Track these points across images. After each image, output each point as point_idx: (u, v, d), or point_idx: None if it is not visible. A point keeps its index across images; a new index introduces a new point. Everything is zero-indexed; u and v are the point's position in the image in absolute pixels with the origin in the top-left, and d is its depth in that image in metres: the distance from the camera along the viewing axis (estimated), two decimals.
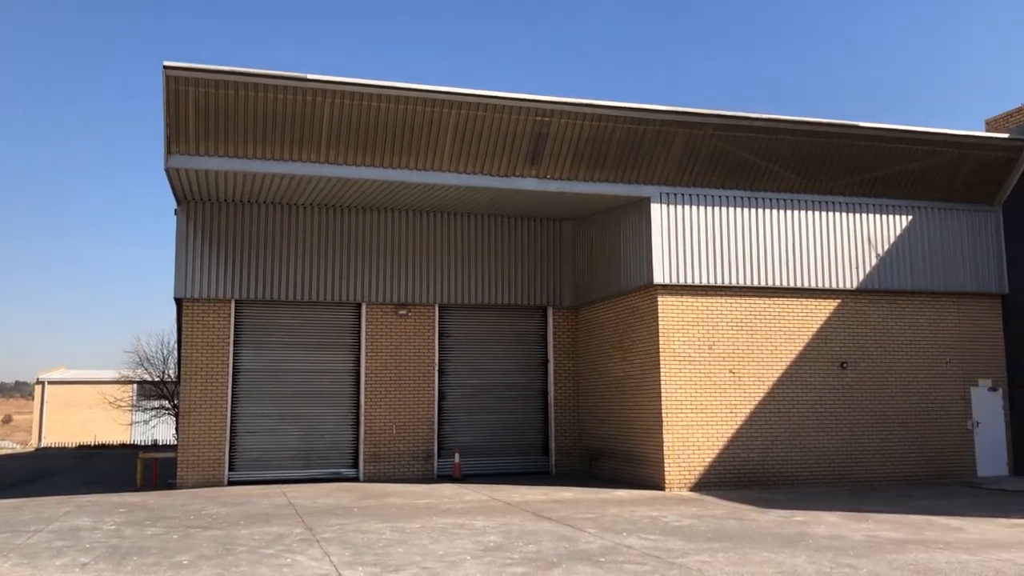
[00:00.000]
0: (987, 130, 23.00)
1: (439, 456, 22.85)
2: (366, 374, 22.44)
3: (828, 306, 21.26)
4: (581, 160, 19.92)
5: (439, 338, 23.25)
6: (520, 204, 22.52)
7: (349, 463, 22.28)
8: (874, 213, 21.81)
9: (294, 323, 22.41)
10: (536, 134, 19.43)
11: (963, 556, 11.34)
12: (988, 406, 22.15)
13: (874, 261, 21.61)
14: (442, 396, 23.18)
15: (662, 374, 19.94)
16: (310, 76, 17.79)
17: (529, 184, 20.04)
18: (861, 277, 21.47)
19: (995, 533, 13.41)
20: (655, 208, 20.37)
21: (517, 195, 21.06)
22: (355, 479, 22.06)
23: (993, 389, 22.26)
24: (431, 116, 18.80)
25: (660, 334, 20.07)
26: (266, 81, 17.70)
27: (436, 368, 23.08)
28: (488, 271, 23.71)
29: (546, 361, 24.32)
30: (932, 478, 21.39)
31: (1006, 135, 21.88)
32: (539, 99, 19.02)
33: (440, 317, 23.35)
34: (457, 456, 22.48)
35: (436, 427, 22.88)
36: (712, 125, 19.91)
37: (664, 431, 19.74)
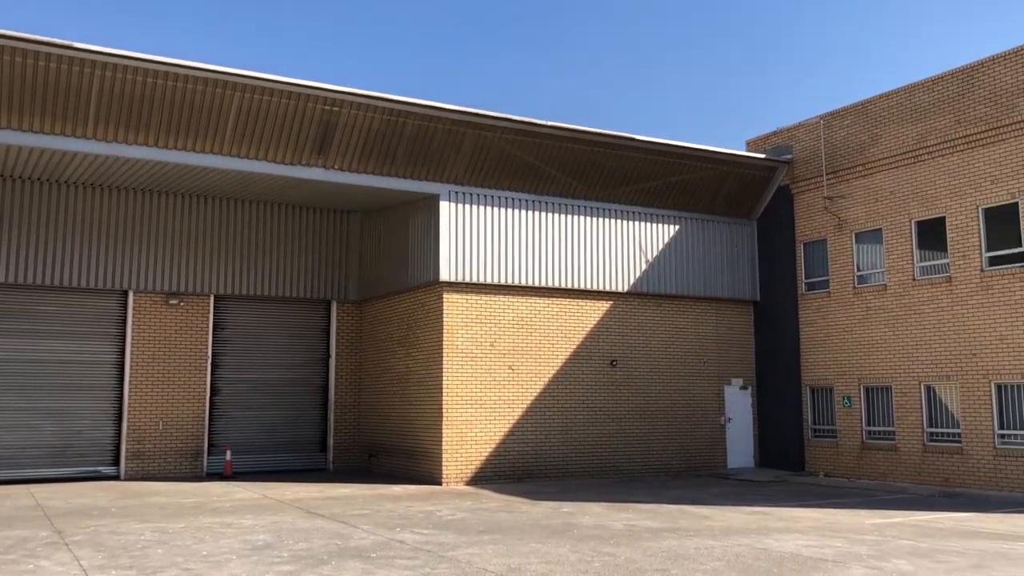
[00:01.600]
0: (747, 150, 25.06)
1: (210, 453, 21.88)
2: (131, 366, 21.08)
3: (601, 307, 22.36)
4: (370, 153, 19.75)
5: (214, 330, 22.26)
6: (306, 194, 22.00)
7: (109, 461, 20.84)
8: (646, 221, 23.17)
9: (51, 310, 20.66)
10: (324, 123, 19.05)
11: (709, 542, 12.29)
12: (739, 403, 24.16)
13: (644, 266, 22.96)
14: (215, 391, 22.20)
15: (445, 370, 20.17)
16: (77, 44, 16.45)
17: (315, 174, 19.62)
18: (632, 281, 22.75)
19: (738, 520, 14.65)
20: (444, 206, 20.56)
21: (303, 185, 20.57)
22: (115, 477, 20.69)
23: (744, 388, 24.30)
24: (212, 97, 17.95)
25: (444, 331, 20.29)
26: (27, 46, 16.16)
27: (209, 361, 22.08)
28: (270, 262, 22.99)
29: (328, 356, 23.91)
30: (689, 470, 23.04)
31: (763, 155, 23.93)
32: (328, 88, 18.65)
33: (216, 308, 22.37)
34: (229, 453, 21.62)
35: (207, 423, 21.89)
36: (501, 128, 20.37)
37: (444, 426, 19.98)
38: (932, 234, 20.41)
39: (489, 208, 21.10)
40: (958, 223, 19.73)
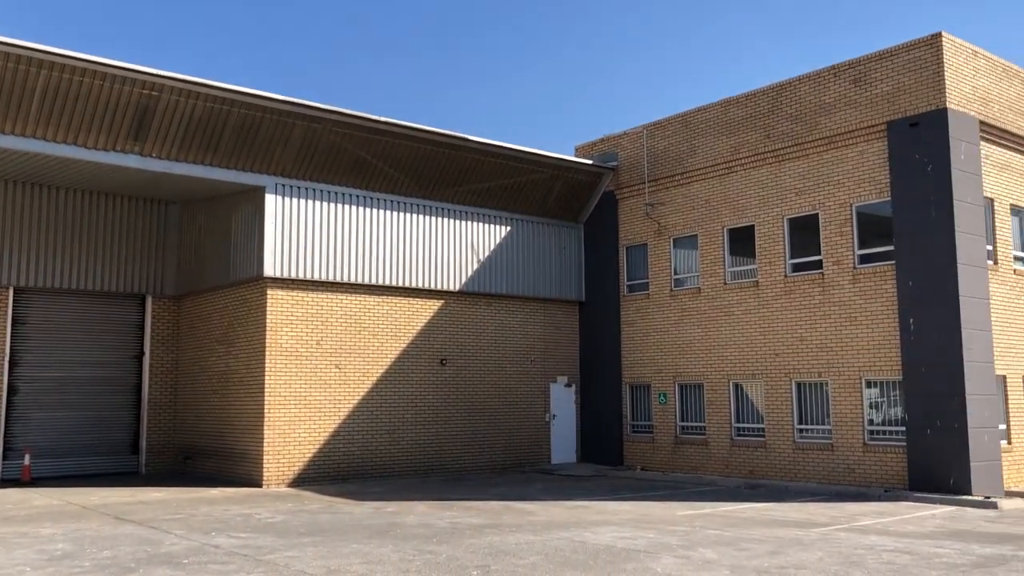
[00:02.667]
0: (576, 155, 25.78)
1: (5, 458, 20.25)
2: None
3: (432, 306, 22.37)
4: (192, 141, 18.86)
5: (12, 325, 20.63)
6: (122, 182, 20.76)
7: None
8: (478, 221, 23.38)
9: None
10: (142, 108, 18.02)
11: (530, 537, 12.55)
12: (564, 400, 24.82)
13: (475, 266, 23.17)
14: (13, 390, 20.57)
15: (267, 369, 19.57)
16: None
17: (131, 161, 18.52)
18: (463, 280, 22.89)
19: (559, 514, 15.03)
20: (270, 199, 19.93)
21: (118, 172, 19.39)
22: None
23: (568, 385, 24.99)
24: (15, 73, 16.59)
25: (268, 328, 19.68)
26: None
27: (7, 359, 20.43)
28: (80, 253, 21.54)
29: (142, 353, 22.66)
30: (515, 466, 23.44)
31: (590, 161, 24.69)
32: (146, 71, 17.65)
33: (15, 301, 20.73)
34: (28, 457, 20.08)
35: (2, 425, 20.23)
36: (331, 121, 19.97)
37: (265, 427, 19.38)
38: (742, 241, 21.71)
39: (318, 203, 20.65)
40: (766, 231, 21.09)
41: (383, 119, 20.48)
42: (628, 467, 23.30)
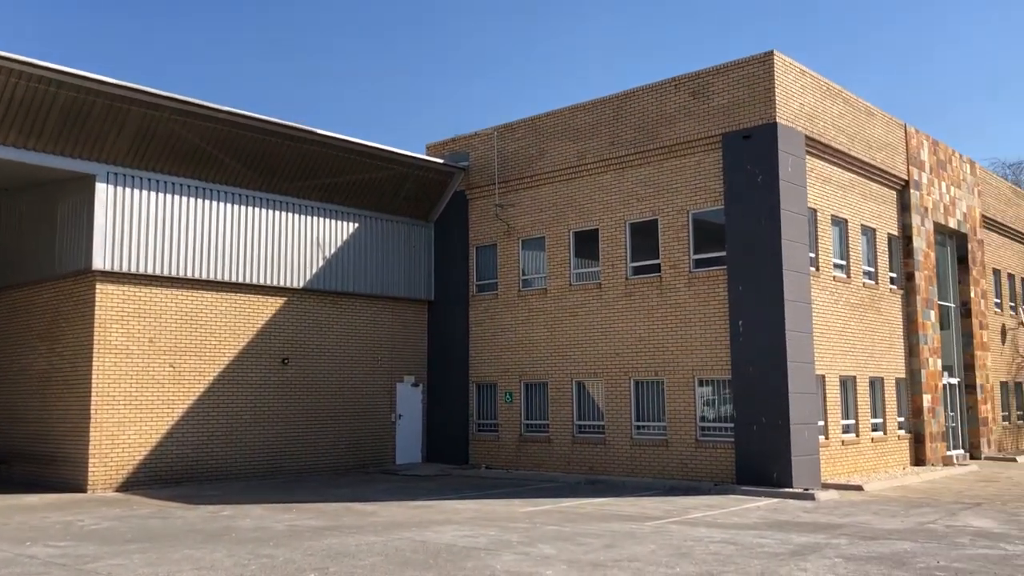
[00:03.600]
0: (428, 154, 25.71)
1: None
2: None
3: (275, 303, 21.76)
4: (12, 123, 17.52)
5: None
6: None
7: None
8: (325, 217, 22.93)
9: None
10: None
11: (372, 538, 12.41)
12: (410, 400, 24.70)
13: (321, 263, 22.71)
14: None
15: (95, 368, 18.48)
16: None
17: None
18: (308, 277, 22.39)
19: (402, 515, 14.94)
20: (100, 188, 18.83)
21: None
22: None
23: (415, 385, 24.89)
24: None
25: (96, 324, 18.59)
26: None
27: None
28: None
29: None
30: (358, 467, 23.13)
31: (441, 160, 24.69)
32: None
33: None
34: None
35: None
36: (169, 108, 19.06)
37: (92, 429, 18.30)
38: (587, 244, 22.28)
39: (155, 193, 19.67)
40: (609, 235, 21.72)
41: (226, 108, 19.74)
42: (473, 466, 23.44)
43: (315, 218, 22.69)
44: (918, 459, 23.17)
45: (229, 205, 20.95)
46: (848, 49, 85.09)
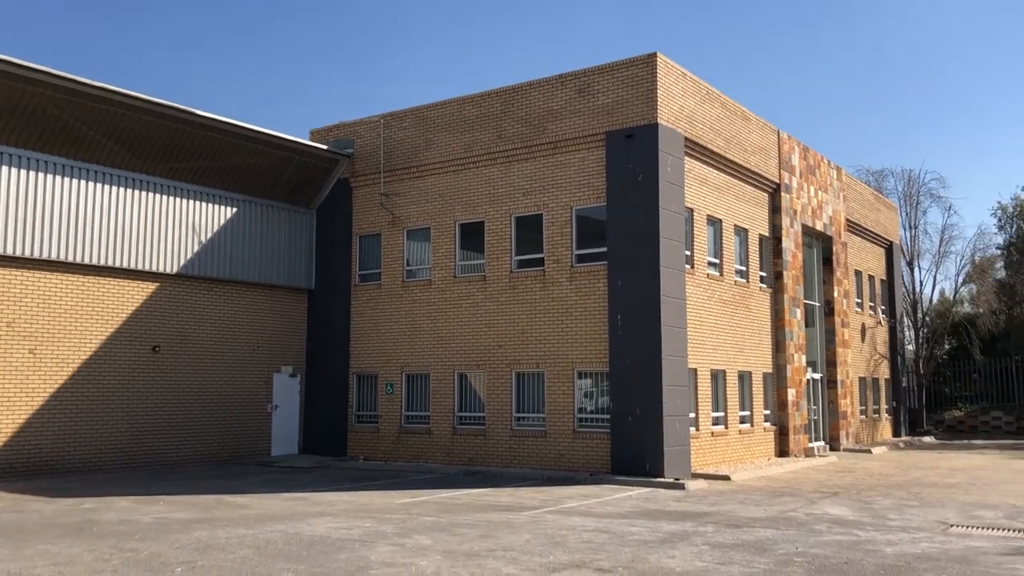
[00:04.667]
0: (311, 139, 25.20)
1: None
2: None
3: (146, 288, 20.93)
4: None
5: None
6: None
7: None
8: (202, 201, 22.18)
9: None
10: None
11: (242, 530, 12.11)
12: (287, 391, 24.21)
13: (197, 248, 21.96)
14: None
15: None
16: None
17: None
18: (182, 262, 21.62)
19: (275, 507, 14.64)
20: None
21: None
22: None
23: (293, 375, 24.41)
24: None
25: None
26: None
27: None
28: None
29: None
30: (232, 459, 22.52)
31: (325, 147, 24.25)
32: None
33: None
34: None
35: None
36: (35, 81, 18.02)
37: None
38: (473, 236, 22.34)
39: (16, 170, 18.59)
40: (494, 228, 21.83)
41: (96, 83, 18.83)
42: (352, 458, 23.18)
43: (191, 201, 21.92)
44: (782, 450, 24.27)
45: (99, 185, 20.01)
46: (728, 55, 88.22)
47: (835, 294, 28.90)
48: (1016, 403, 37.37)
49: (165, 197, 21.34)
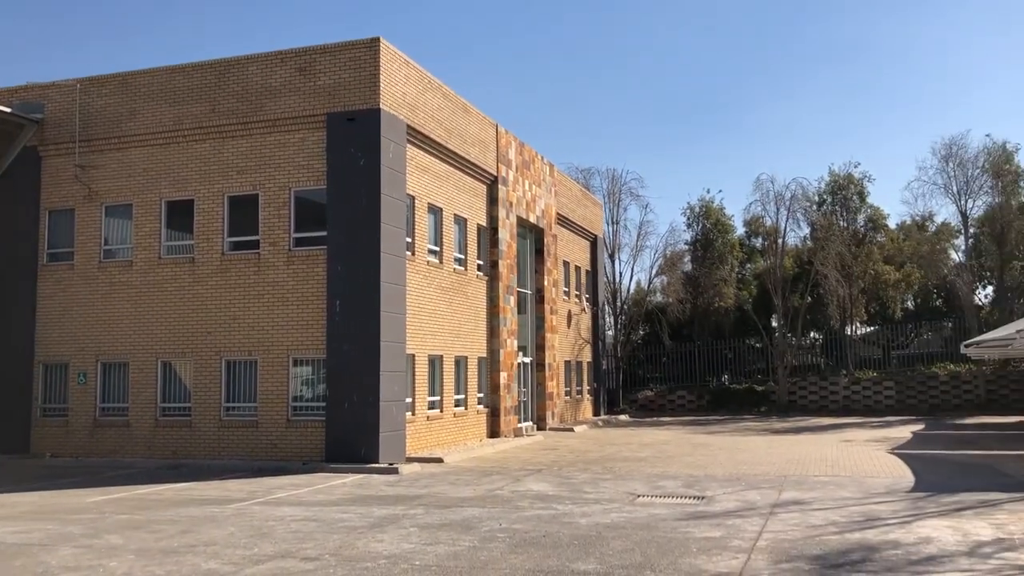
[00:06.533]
0: None
1: None
2: None
3: None
4: None
5: None
6: None
7: None
8: None
9: None
10: None
11: None
12: None
13: None
14: None
15: None
16: None
17: None
18: None
19: None
20: None
21: None
22: None
23: None
24: None
25: None
26: None
27: None
28: None
29: None
30: None
31: (9, 110, 21.65)
32: None
33: None
34: None
35: None
36: None
37: None
38: (181, 215, 21.00)
39: None
40: (206, 207, 20.68)
41: None
42: (35, 454, 20.98)
43: None
44: (494, 431, 25.29)
45: None
46: (448, 47, 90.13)
47: (546, 283, 30.53)
48: (698, 383, 41.71)
49: None
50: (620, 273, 41.93)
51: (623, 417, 36.59)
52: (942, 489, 14.30)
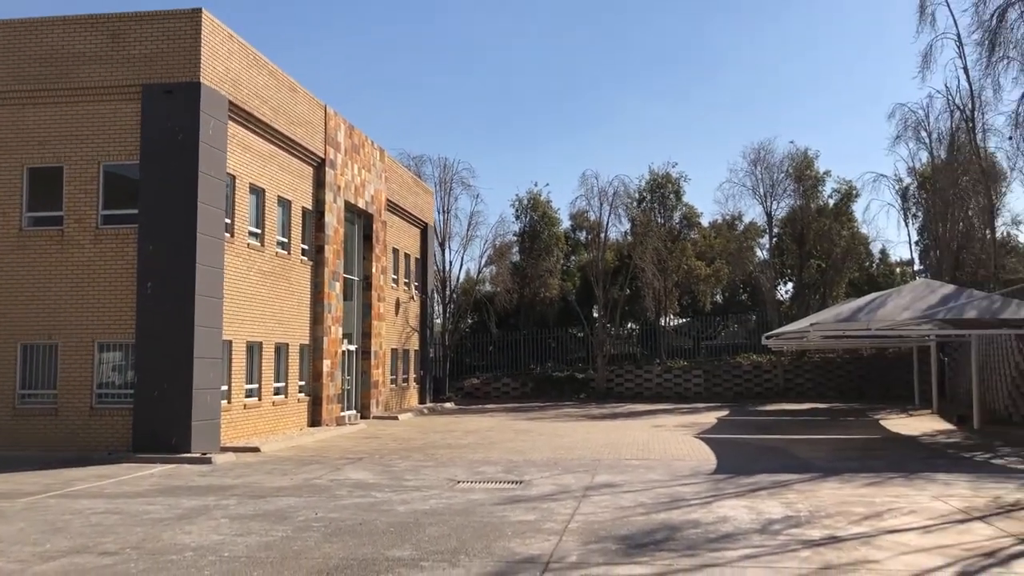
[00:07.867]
0: None
1: None
2: None
3: None
4: None
5: None
6: None
7: None
8: None
9: None
10: None
11: None
12: None
13: None
14: None
15: None
16: None
17: None
18: None
19: None
20: None
21: None
22: None
23: None
24: None
25: None
26: None
27: None
28: None
29: None
30: None
31: None
32: None
33: None
34: None
35: None
36: None
37: None
38: None
39: None
40: (3, 180, 19.08)
41: None
42: None
43: None
44: (315, 420, 24.81)
45: None
46: (283, 26, 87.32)
47: (374, 270, 30.21)
48: (523, 371, 42.57)
49: None
50: (450, 262, 42.12)
51: (449, 405, 36.82)
52: (741, 471, 15.31)
